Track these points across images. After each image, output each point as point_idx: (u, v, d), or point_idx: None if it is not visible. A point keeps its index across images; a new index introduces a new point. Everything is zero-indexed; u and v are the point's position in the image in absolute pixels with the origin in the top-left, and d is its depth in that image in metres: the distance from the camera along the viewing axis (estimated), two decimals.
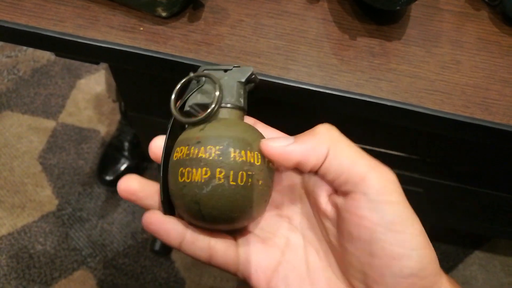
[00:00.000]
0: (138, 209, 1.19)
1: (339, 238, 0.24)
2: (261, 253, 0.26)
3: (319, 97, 0.37)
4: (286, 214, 0.29)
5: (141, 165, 1.23)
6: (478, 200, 0.64)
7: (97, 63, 0.54)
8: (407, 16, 0.42)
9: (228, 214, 0.24)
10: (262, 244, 0.27)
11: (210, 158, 0.23)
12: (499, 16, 0.42)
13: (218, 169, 0.23)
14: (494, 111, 0.36)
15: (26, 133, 1.29)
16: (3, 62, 1.42)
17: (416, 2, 0.42)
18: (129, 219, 1.17)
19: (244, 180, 0.24)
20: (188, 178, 0.24)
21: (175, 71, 0.38)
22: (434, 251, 0.22)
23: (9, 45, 1.46)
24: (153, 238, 1.13)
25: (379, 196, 0.21)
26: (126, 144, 1.21)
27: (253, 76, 0.29)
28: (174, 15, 0.40)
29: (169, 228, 0.25)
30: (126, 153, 1.20)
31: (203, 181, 0.23)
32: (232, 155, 0.24)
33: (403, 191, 0.23)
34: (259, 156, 0.25)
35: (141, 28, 0.39)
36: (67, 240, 1.14)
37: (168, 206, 0.26)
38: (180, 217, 0.26)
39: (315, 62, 0.38)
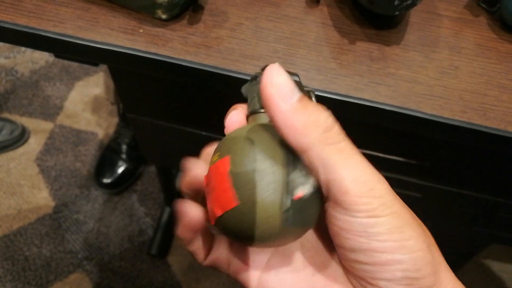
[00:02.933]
0: (135, 213, 1.18)
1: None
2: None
3: (318, 101, 0.37)
4: None
5: (139, 168, 1.22)
6: (476, 206, 0.64)
7: (96, 64, 0.54)
8: (406, 21, 0.42)
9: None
10: None
11: None
12: (497, 22, 0.42)
13: None
14: (492, 116, 0.36)
15: None
16: (1, 64, 1.42)
17: (415, 7, 0.42)
18: (126, 222, 1.17)
19: None
20: None
21: (174, 73, 0.38)
22: (433, 251, 0.21)
23: (7, 46, 1.45)
24: (150, 242, 1.12)
25: (361, 213, 0.19)
26: (124, 147, 1.20)
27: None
28: (173, 18, 0.40)
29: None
30: (124, 156, 1.20)
31: None
32: None
33: (401, 195, 0.21)
34: None
35: (141, 30, 0.39)
36: (63, 243, 1.13)
37: None
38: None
39: (314, 66, 0.38)
